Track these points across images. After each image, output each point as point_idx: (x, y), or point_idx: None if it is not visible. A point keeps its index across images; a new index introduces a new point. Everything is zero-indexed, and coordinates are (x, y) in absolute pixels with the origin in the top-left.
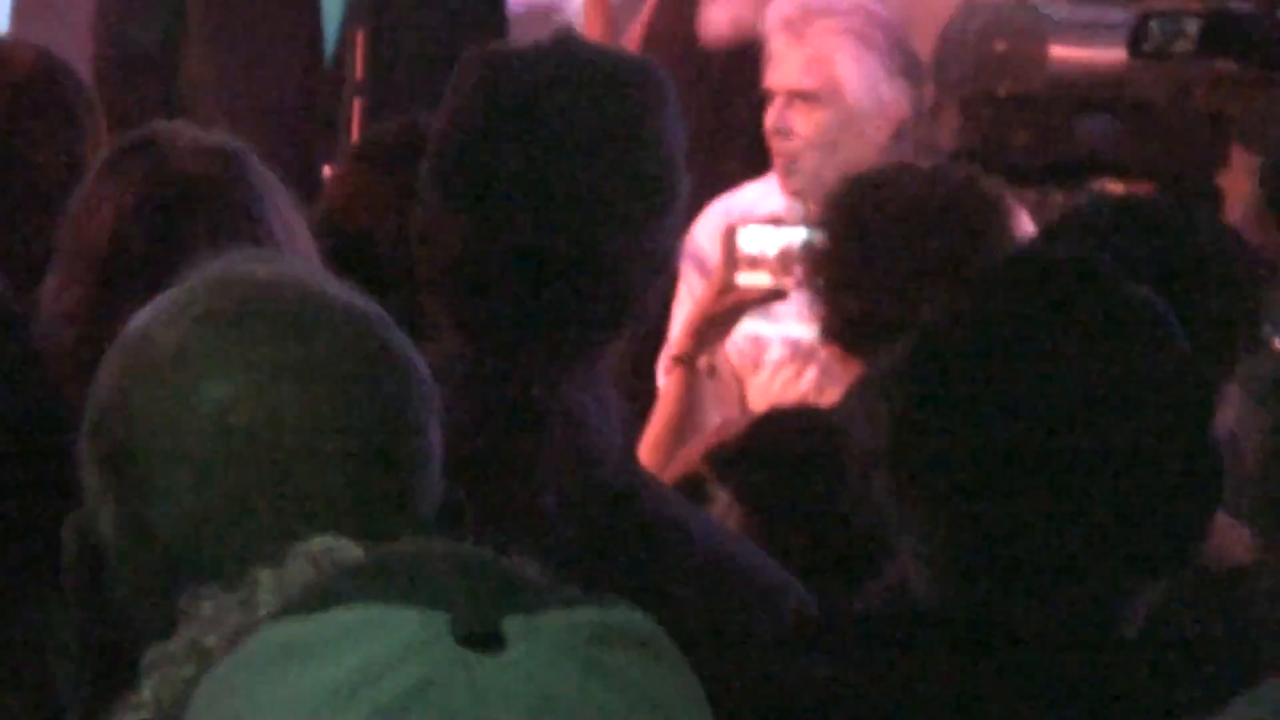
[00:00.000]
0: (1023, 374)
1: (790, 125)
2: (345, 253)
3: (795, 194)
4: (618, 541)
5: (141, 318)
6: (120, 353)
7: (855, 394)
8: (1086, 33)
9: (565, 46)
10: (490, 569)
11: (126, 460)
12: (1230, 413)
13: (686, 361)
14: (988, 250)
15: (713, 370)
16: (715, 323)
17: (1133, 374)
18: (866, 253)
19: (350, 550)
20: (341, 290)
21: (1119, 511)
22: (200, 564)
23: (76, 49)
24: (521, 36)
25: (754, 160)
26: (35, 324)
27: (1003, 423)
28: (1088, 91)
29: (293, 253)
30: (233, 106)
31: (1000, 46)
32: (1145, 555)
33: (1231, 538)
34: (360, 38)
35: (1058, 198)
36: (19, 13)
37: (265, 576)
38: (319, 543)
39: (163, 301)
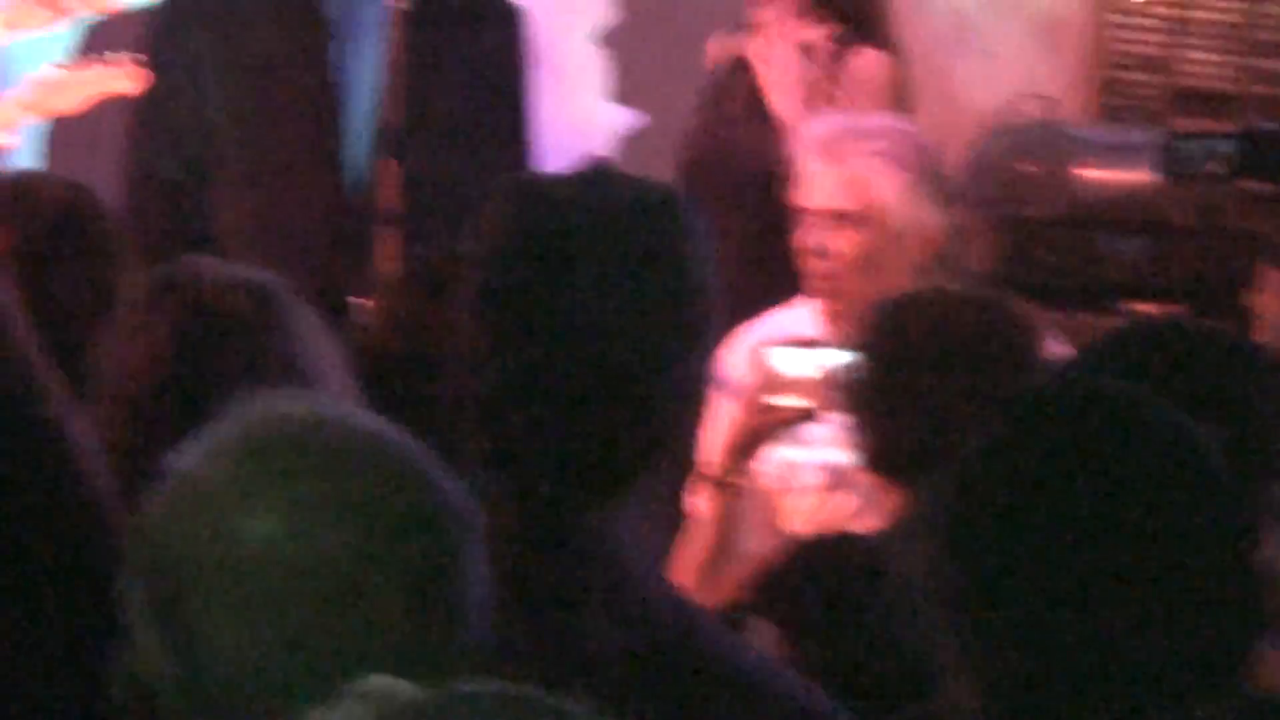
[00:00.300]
0: (1065, 503)
1: (827, 246)
2: (380, 385)
3: (830, 315)
4: (662, 673)
5: (184, 457)
6: (164, 492)
7: (897, 524)
8: (1114, 154)
9: (597, 177)
10: (541, 708)
11: (173, 599)
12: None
13: (720, 485)
14: (1023, 375)
15: (746, 494)
16: (748, 446)
17: (1172, 502)
18: (902, 377)
19: (403, 690)
20: (381, 425)
21: (1160, 638)
22: (251, 703)
23: (106, 180)
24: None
25: (786, 282)
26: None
27: (1047, 551)
28: (1115, 213)
29: (326, 386)
30: (262, 238)
31: (1028, 168)
32: (1186, 681)
33: None
34: (389, 167)
35: (1086, 319)
36: (49, 144)
37: (318, 717)
38: (372, 682)
39: (205, 440)
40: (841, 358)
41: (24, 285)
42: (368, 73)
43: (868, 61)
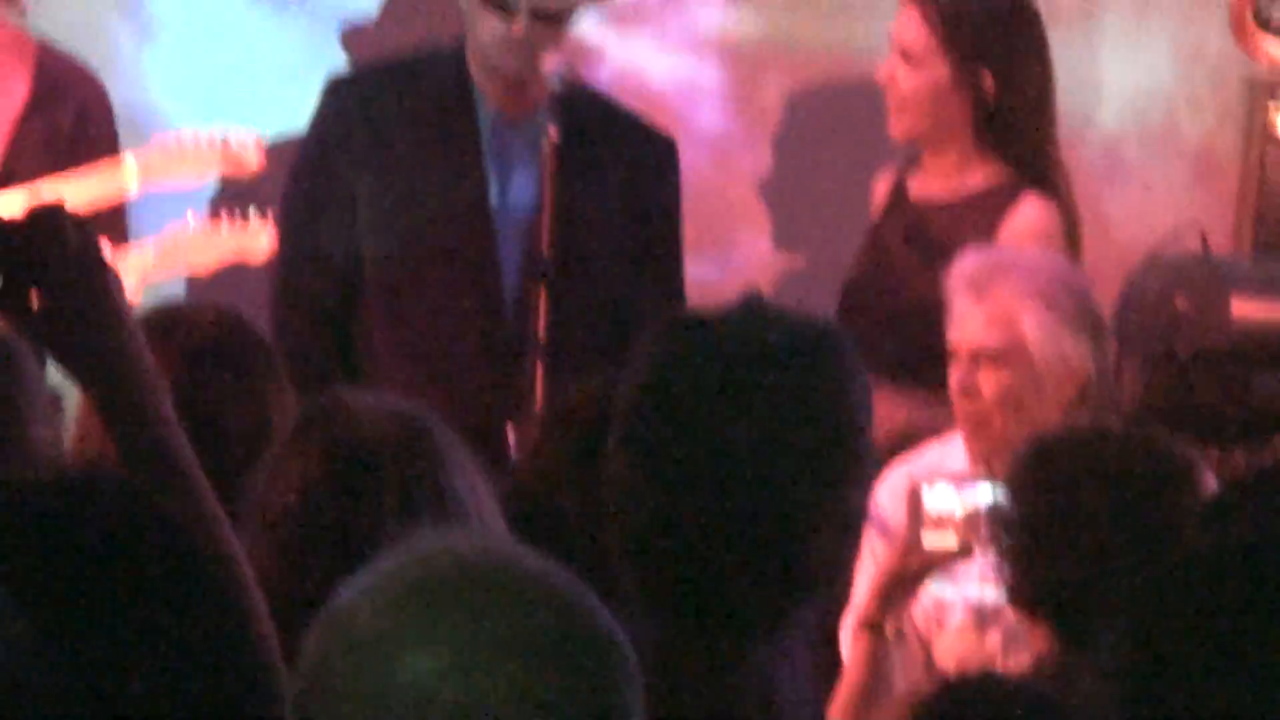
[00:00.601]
0: (1238, 656)
1: (976, 385)
2: (533, 519)
3: (981, 452)
4: None
5: (342, 594)
6: (323, 628)
7: (1047, 664)
8: (1269, 288)
9: (754, 313)
10: None
11: None
12: None
13: (873, 627)
14: (1180, 514)
15: (899, 635)
16: (901, 585)
17: None
18: (1056, 516)
19: None
20: (539, 562)
21: None
22: None
23: (254, 306)
24: None
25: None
26: None
27: (1225, 703)
28: (1272, 347)
29: (479, 517)
30: (413, 366)
31: (1181, 303)
32: None
33: None
34: (542, 296)
35: (1240, 456)
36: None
37: None
38: None
39: (363, 577)
40: (993, 495)
41: (180, 414)
42: (520, 202)
43: (1035, 211)
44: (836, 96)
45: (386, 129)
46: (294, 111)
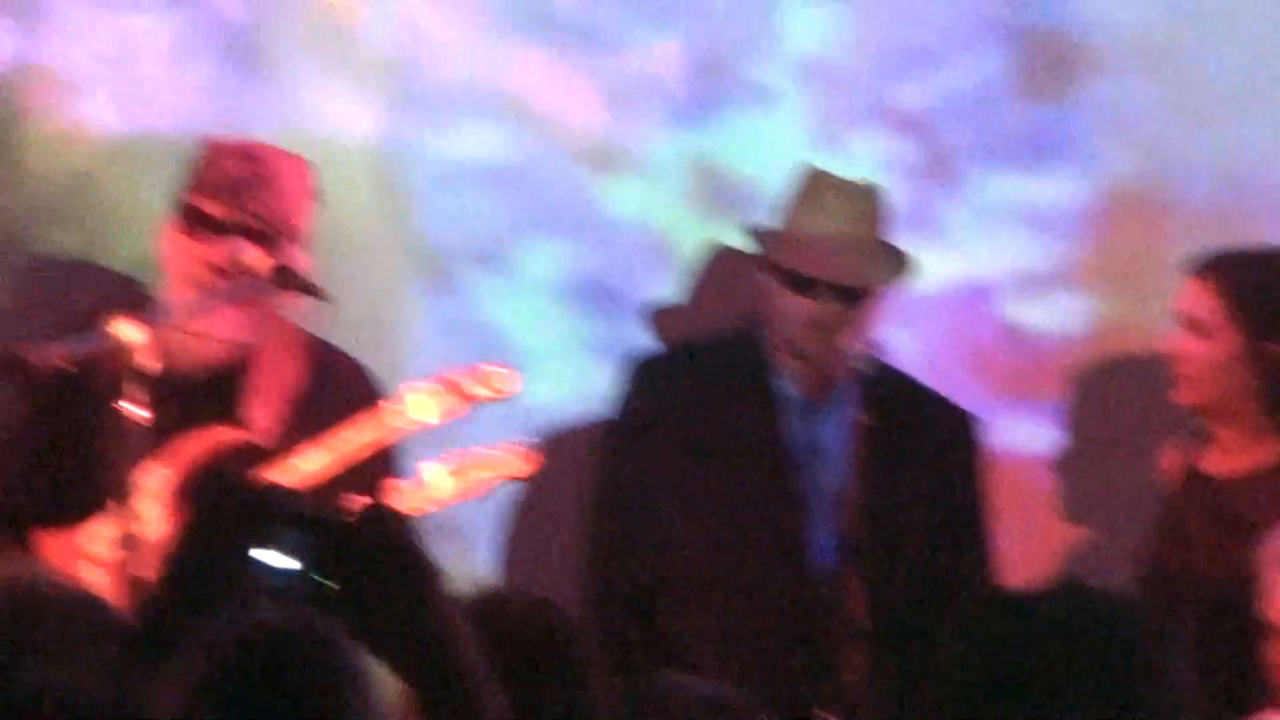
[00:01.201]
0: None
1: None
2: None
3: None
4: None
5: None
6: None
7: None
8: None
9: (1066, 591)
10: None
11: None
12: None
13: None
14: None
15: None
16: None
17: None
18: None
19: None
20: None
21: None
22: None
23: (560, 592)
24: None
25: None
26: None
27: None
28: None
29: None
30: (726, 649)
31: None
32: None
33: None
34: (853, 579)
35: None
36: (505, 558)
37: None
38: None
39: None
40: None
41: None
42: (828, 484)
43: None
44: (1120, 369)
45: (691, 411)
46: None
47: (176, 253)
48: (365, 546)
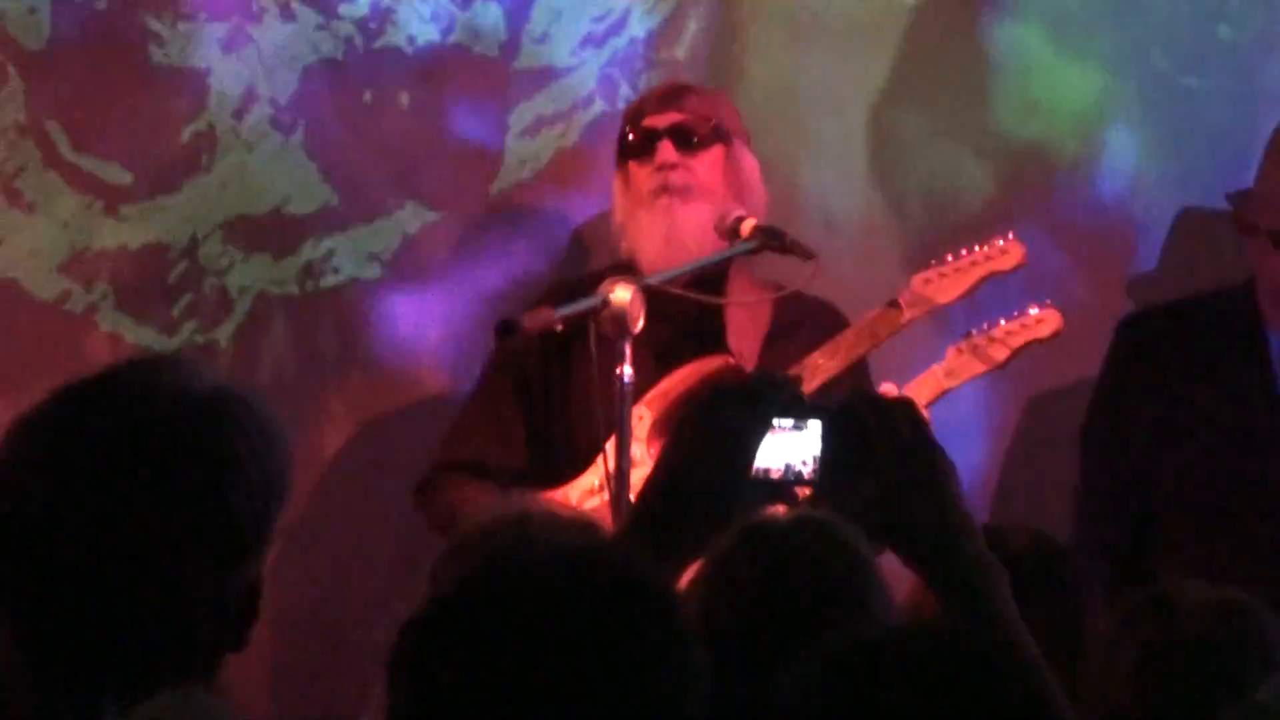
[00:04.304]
0: None
1: None
2: None
3: None
4: None
5: None
6: None
7: None
8: None
9: None
10: None
11: None
12: None
13: None
14: None
15: None
16: None
17: None
18: None
19: None
20: None
21: None
22: None
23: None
24: None
25: None
26: None
27: None
28: None
29: None
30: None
31: None
32: None
33: None
34: None
35: None
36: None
37: None
38: None
39: None
40: None
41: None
42: None
43: None
44: None
45: (1177, 360)
46: None
47: None
48: (893, 432)
